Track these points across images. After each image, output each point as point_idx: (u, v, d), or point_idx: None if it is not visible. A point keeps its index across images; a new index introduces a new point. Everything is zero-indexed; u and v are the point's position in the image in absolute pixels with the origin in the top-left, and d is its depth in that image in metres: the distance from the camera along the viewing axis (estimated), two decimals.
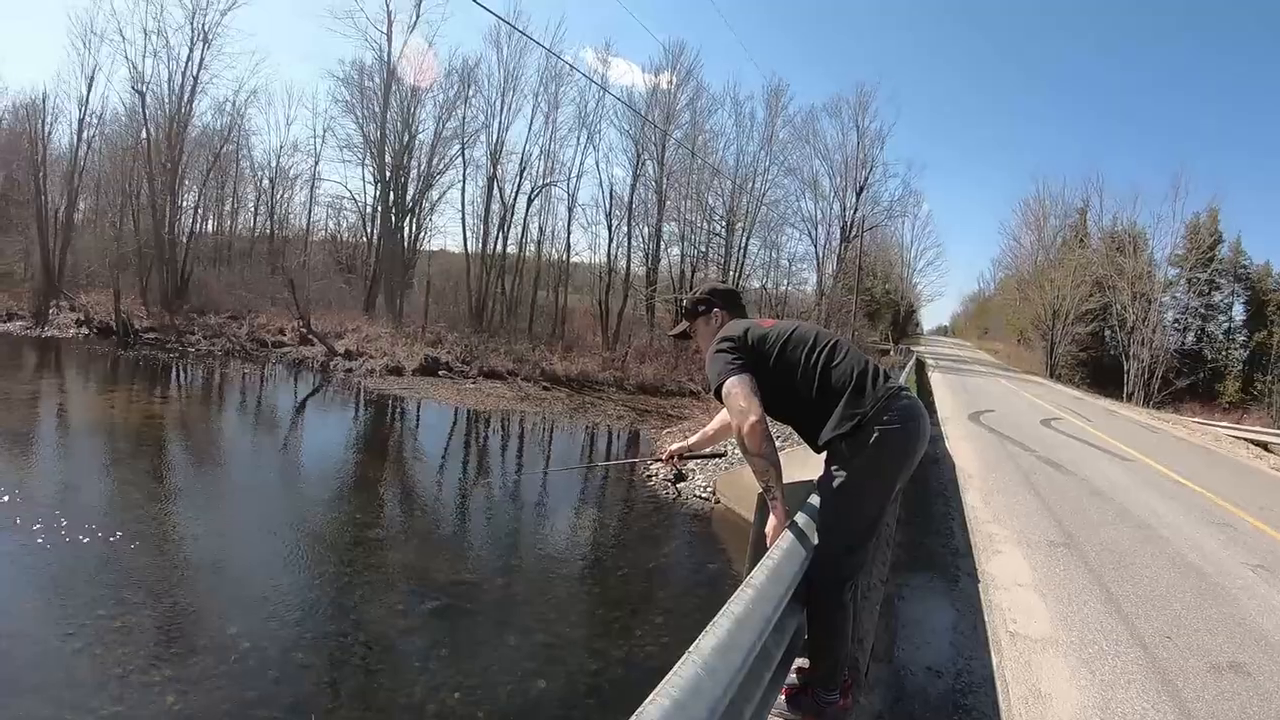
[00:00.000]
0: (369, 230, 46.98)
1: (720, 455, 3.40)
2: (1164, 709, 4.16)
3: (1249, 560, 7.66)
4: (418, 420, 23.77)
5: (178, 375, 26.98)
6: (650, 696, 1.44)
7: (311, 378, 28.88)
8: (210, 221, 50.52)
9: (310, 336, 33.02)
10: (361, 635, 8.57)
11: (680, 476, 13.91)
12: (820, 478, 2.96)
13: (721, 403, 2.90)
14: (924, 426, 2.93)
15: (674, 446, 3.83)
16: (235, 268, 46.33)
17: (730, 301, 3.34)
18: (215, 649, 7.78)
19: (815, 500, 2.98)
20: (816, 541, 2.82)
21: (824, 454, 2.95)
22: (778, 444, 2.96)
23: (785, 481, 2.88)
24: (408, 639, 8.58)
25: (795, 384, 2.91)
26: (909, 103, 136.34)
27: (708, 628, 1.84)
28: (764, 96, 47.15)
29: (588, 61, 53.09)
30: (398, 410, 24.41)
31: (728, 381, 2.80)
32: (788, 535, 2.79)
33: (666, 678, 1.53)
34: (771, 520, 2.85)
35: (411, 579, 10.30)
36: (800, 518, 2.95)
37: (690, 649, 1.70)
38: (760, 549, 2.79)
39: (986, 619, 5.20)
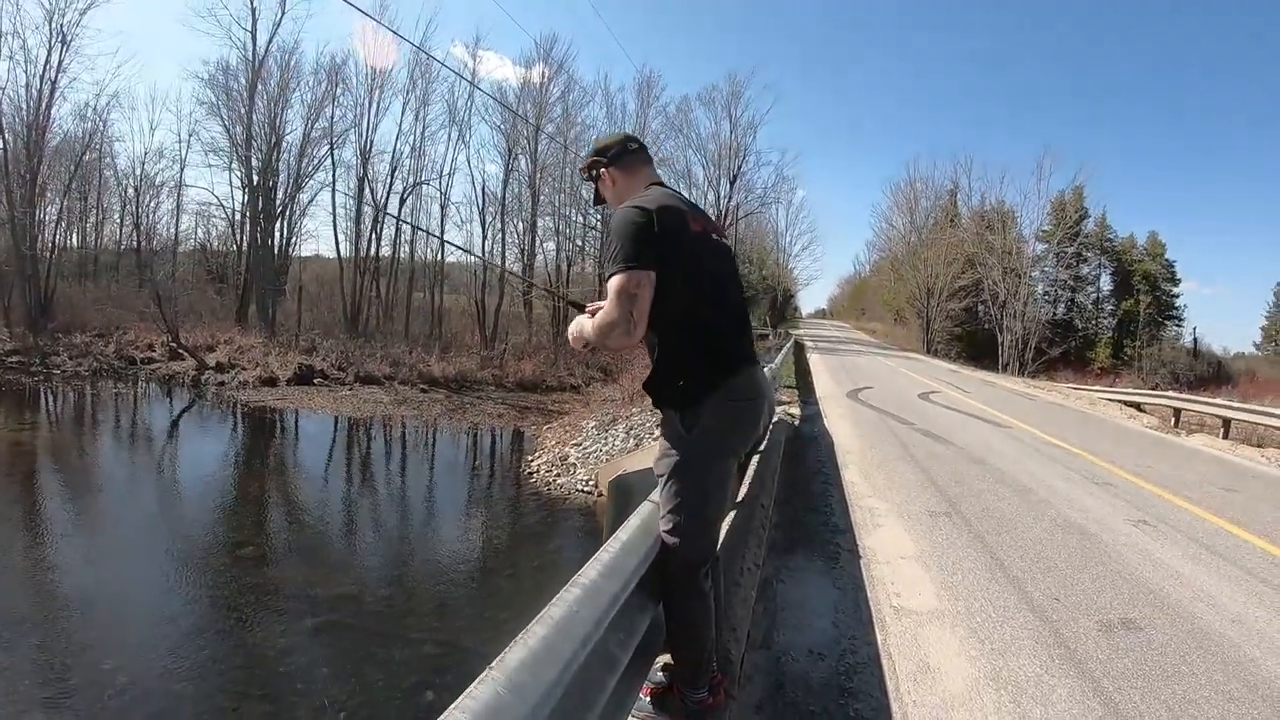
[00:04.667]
0: (239, 238, 45.31)
1: None
2: (1057, 672, 4.04)
3: (1130, 516, 7.75)
4: (294, 432, 23.25)
5: (44, 399, 25.71)
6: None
7: (184, 394, 27.89)
8: (74, 235, 48.62)
9: (180, 351, 31.94)
10: (241, 659, 8.32)
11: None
12: (661, 455, 2.59)
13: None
14: (772, 401, 2.76)
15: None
16: (102, 282, 44.92)
17: (618, 155, 2.86)
18: (91, 686, 7.47)
19: (658, 484, 2.64)
20: (664, 527, 2.52)
21: (663, 420, 2.62)
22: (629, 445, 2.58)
23: (636, 469, 2.55)
24: (288, 659, 8.30)
25: (678, 310, 2.47)
26: (786, 91, 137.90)
27: (518, 637, 1.57)
28: (635, 88, 47.14)
29: (458, 56, 52.47)
30: (273, 423, 23.79)
31: (629, 275, 2.37)
32: (630, 524, 2.55)
33: (456, 702, 1.28)
34: (579, 327, 2.63)
35: (291, 598, 10.01)
36: (645, 506, 2.74)
37: (491, 664, 1.43)
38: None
39: (869, 595, 5.04)
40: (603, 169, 2.85)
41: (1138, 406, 23.15)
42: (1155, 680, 3.97)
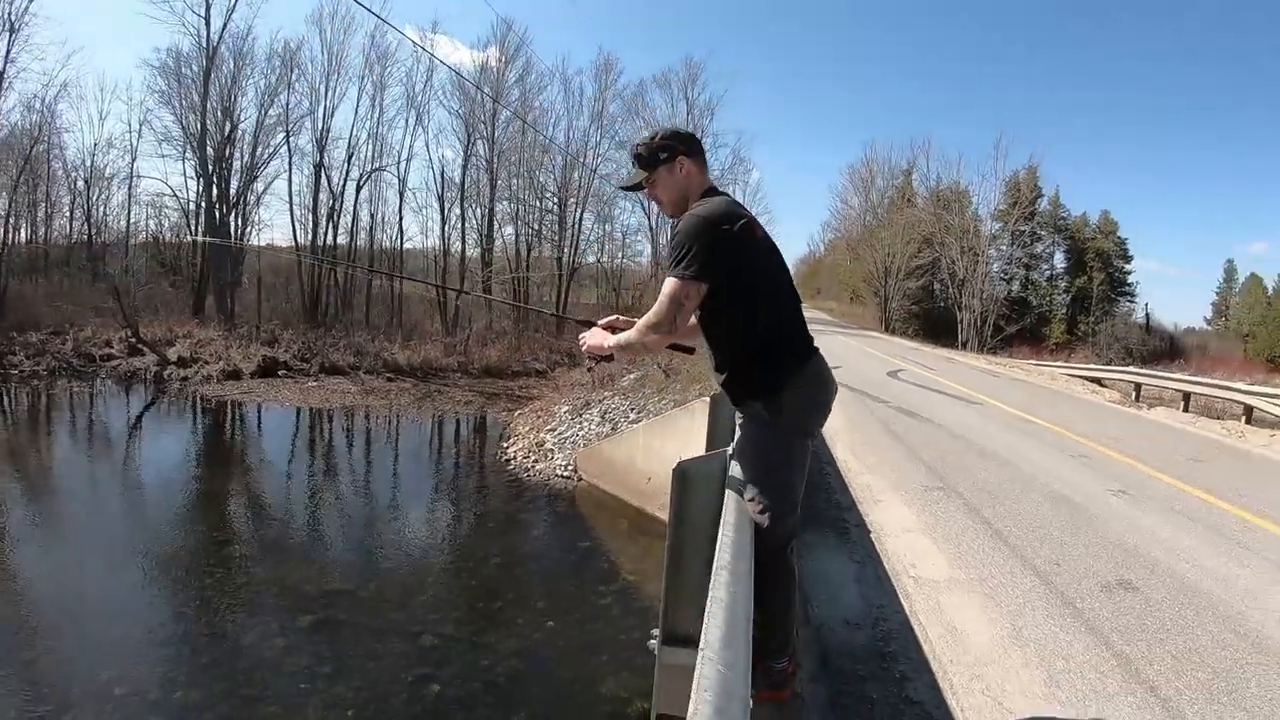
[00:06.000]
0: (193, 228, 44.23)
1: (689, 351, 2.87)
2: (1070, 629, 4.39)
3: (1110, 486, 8.10)
4: (260, 425, 22.90)
5: (1, 400, 25.14)
6: (691, 709, 1.33)
7: (145, 390, 27.32)
8: (23, 230, 47.08)
9: (140, 346, 31.32)
10: (241, 662, 8.14)
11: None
12: (747, 443, 2.86)
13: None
14: (835, 382, 3.00)
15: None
16: (54, 278, 43.57)
17: (694, 147, 2.94)
18: (91, 698, 7.24)
19: (741, 469, 2.84)
20: (756, 509, 2.71)
21: (744, 411, 2.89)
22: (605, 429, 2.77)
23: (699, 455, 2.92)
24: (289, 659, 8.19)
25: (756, 309, 2.72)
26: (740, 76, 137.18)
27: (706, 619, 1.70)
28: (594, 72, 46.94)
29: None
30: (239, 416, 23.45)
31: (683, 285, 2.56)
32: (728, 506, 2.69)
33: (696, 688, 1.40)
34: (600, 338, 2.95)
35: (282, 595, 9.87)
36: (732, 490, 2.84)
37: (701, 647, 1.57)
38: (681, 526, 2.65)
39: (887, 567, 5.31)
40: (681, 155, 2.87)
41: (1098, 382, 23.58)
42: (1158, 634, 4.33)
